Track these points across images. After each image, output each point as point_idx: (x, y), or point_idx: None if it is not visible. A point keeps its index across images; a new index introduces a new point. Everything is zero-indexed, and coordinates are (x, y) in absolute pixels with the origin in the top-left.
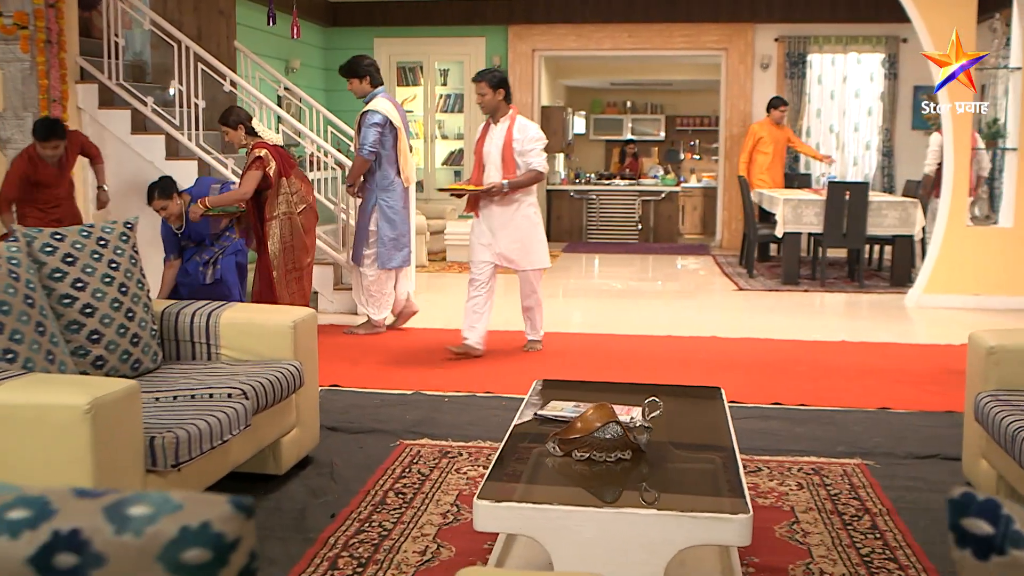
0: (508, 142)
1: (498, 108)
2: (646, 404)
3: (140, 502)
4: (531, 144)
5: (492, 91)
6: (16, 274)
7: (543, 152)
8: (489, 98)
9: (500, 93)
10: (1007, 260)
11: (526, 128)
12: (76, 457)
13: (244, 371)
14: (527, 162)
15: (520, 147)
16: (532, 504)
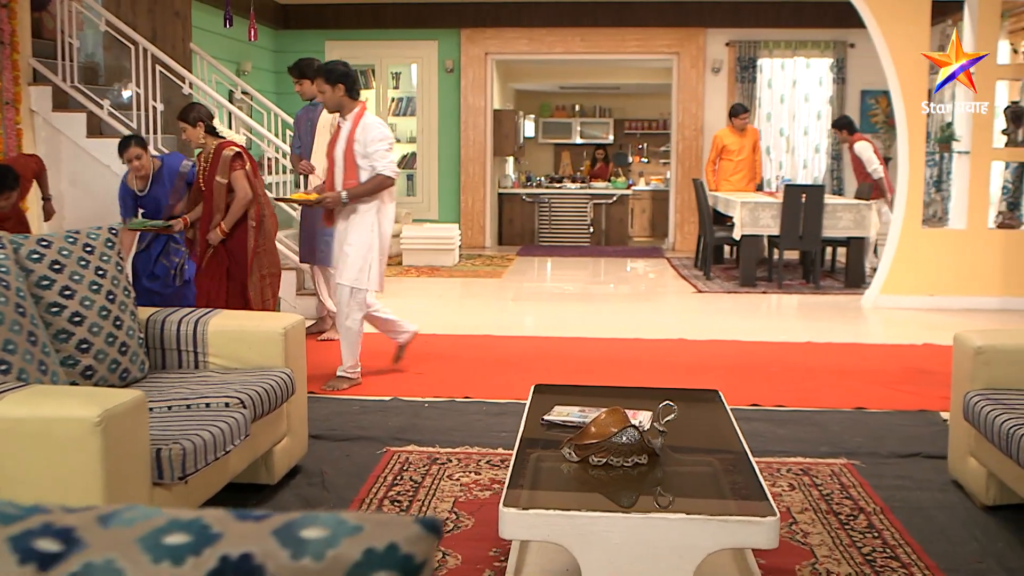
0: (350, 143)
1: (342, 104)
2: (660, 408)
3: (312, 524)
4: (374, 145)
5: (330, 87)
6: (6, 282)
7: (389, 153)
8: (328, 95)
9: (340, 88)
10: (960, 261)
11: (369, 127)
12: (85, 471)
13: (237, 379)
14: (372, 166)
15: (362, 149)
16: (559, 511)
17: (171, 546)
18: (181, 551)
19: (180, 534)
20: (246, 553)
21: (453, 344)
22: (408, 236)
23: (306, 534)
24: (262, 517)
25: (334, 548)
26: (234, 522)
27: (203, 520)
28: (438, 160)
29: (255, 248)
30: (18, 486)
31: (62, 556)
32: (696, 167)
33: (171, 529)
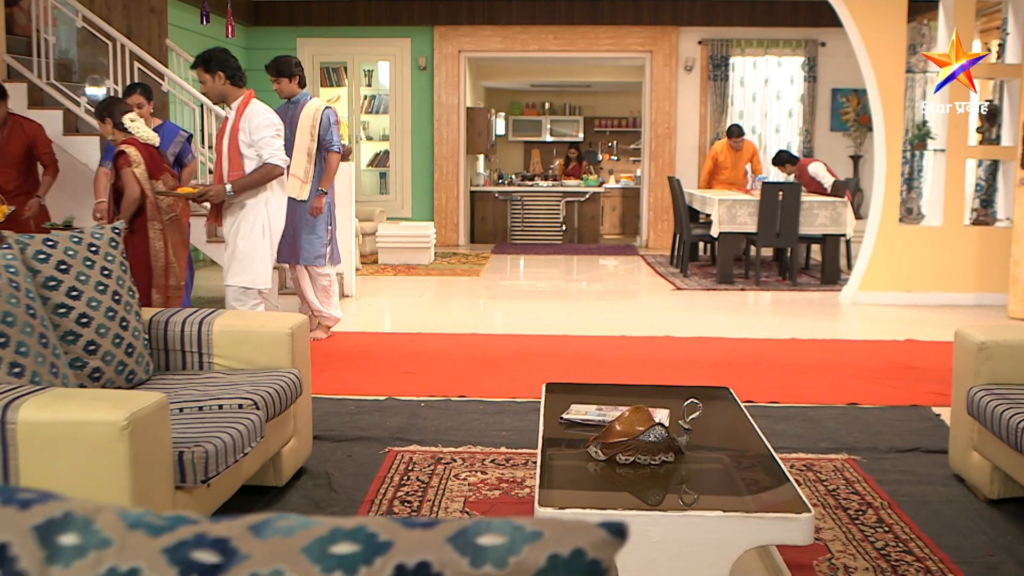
0: (234, 133)
1: (225, 94)
2: (685, 406)
3: (487, 531)
4: (260, 133)
5: (210, 76)
6: (16, 283)
7: (276, 140)
8: (209, 84)
9: (220, 77)
10: (936, 257)
11: (253, 115)
12: (112, 475)
13: (245, 380)
14: (258, 155)
15: (247, 138)
16: (596, 510)
17: (340, 556)
18: (352, 561)
19: (347, 543)
20: (423, 561)
21: (440, 343)
22: (384, 234)
23: (483, 541)
24: (431, 524)
25: (516, 555)
26: (402, 530)
27: (368, 528)
28: (411, 158)
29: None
30: None
31: (222, 567)
32: (669, 165)
33: (336, 538)
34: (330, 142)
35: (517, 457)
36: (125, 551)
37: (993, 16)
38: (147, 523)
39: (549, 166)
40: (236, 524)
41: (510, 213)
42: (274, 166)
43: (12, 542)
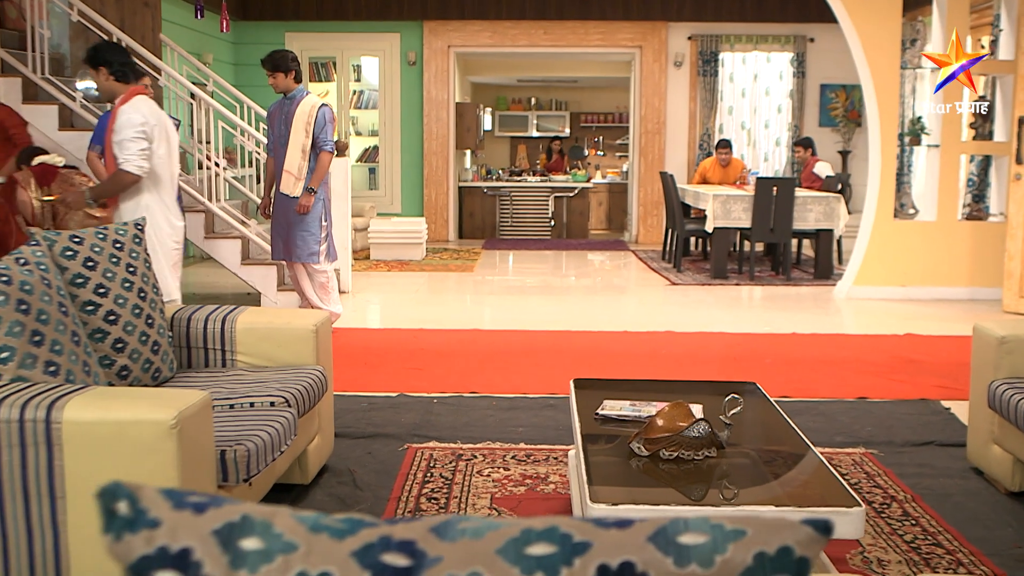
0: (109, 133)
1: (112, 90)
2: (726, 401)
3: (686, 530)
4: (119, 134)
5: (94, 71)
6: (47, 280)
7: (135, 143)
8: (101, 82)
9: (103, 72)
10: (930, 252)
11: (119, 114)
12: (161, 475)
13: (272, 378)
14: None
15: (115, 137)
16: (650, 505)
17: (539, 557)
18: (552, 562)
19: (542, 544)
20: (627, 562)
21: (444, 339)
22: (375, 230)
23: (685, 540)
24: (626, 524)
25: (722, 554)
26: (598, 530)
27: (561, 529)
28: (400, 154)
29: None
30: (90, 492)
31: (414, 570)
32: (659, 160)
33: (529, 539)
34: (324, 141)
35: (537, 453)
36: (312, 555)
37: (984, 12)
38: (328, 526)
39: (535, 161)
40: (416, 526)
41: (499, 209)
42: (126, 173)
43: (194, 547)
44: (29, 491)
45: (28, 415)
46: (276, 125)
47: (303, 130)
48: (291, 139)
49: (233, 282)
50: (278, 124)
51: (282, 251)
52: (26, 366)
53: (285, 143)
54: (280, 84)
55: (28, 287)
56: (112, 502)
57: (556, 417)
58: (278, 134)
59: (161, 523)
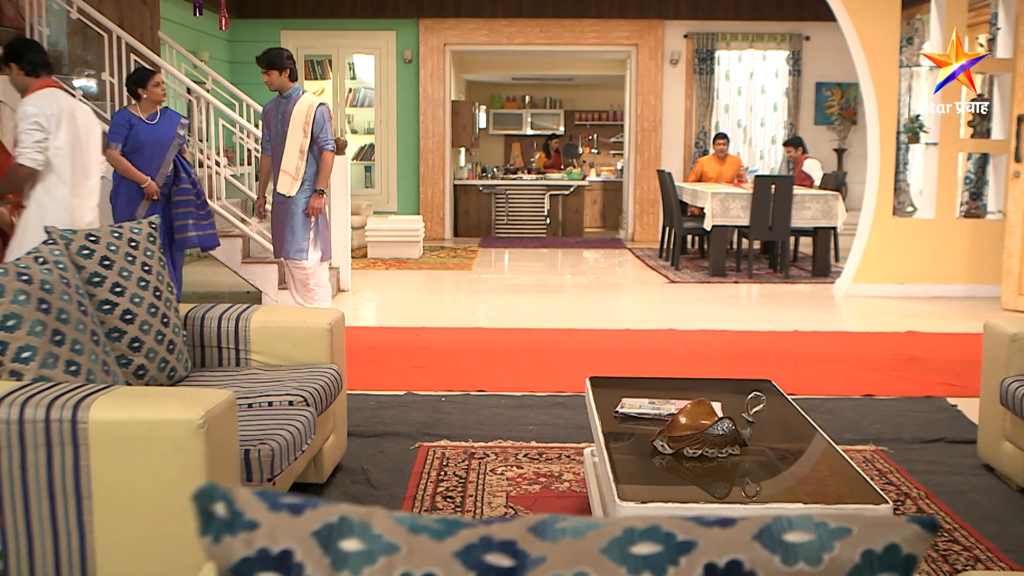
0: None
1: (23, 85)
2: (748, 399)
3: (790, 528)
4: (20, 125)
5: (9, 68)
6: (66, 279)
7: (32, 135)
8: (13, 77)
9: (13, 68)
10: (929, 250)
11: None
12: (187, 475)
13: (288, 377)
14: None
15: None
16: (679, 503)
17: (645, 556)
18: (658, 561)
19: (646, 543)
20: (734, 560)
21: (447, 337)
22: (373, 228)
23: (791, 538)
24: (729, 522)
25: (829, 552)
26: (701, 528)
27: (663, 527)
28: (396, 152)
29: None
30: (117, 492)
31: (518, 570)
32: (655, 158)
33: (633, 538)
34: (325, 140)
35: (549, 451)
36: (415, 556)
37: (981, 10)
38: (426, 527)
39: (530, 159)
40: (513, 526)
41: (494, 206)
42: (20, 166)
43: (295, 549)
44: (55, 491)
45: (54, 415)
46: (272, 124)
47: (301, 130)
48: (288, 138)
49: (230, 280)
50: (274, 123)
51: (277, 248)
52: (48, 366)
53: (282, 142)
54: (274, 82)
55: (48, 286)
56: (209, 504)
57: (565, 415)
58: (275, 133)
59: (260, 525)
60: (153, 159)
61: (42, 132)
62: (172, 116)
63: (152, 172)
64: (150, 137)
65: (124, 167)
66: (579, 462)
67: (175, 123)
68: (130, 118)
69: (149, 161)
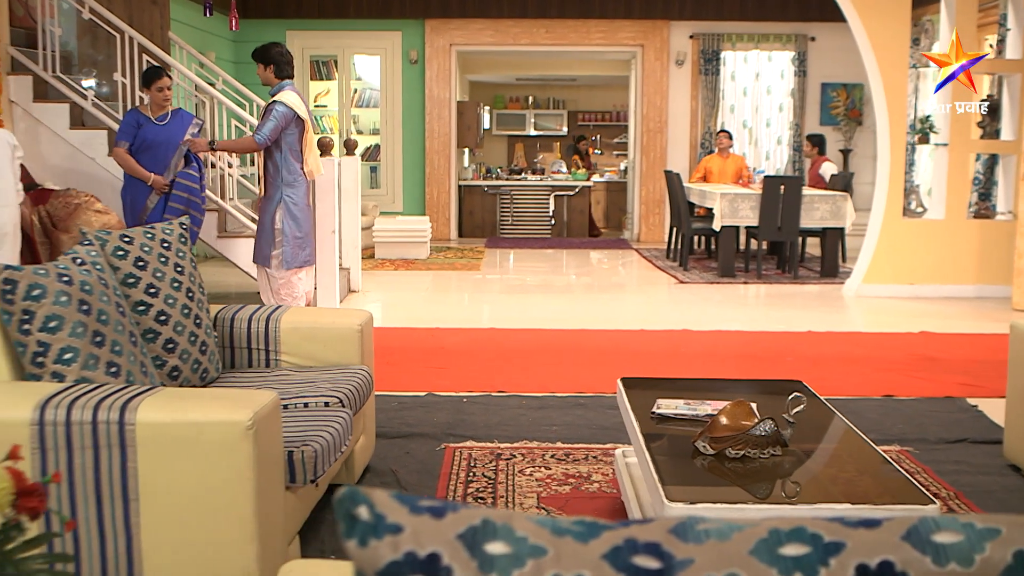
0: None
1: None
2: (789, 400)
3: (937, 529)
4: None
5: None
6: (104, 280)
7: None
8: None
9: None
10: (939, 250)
11: None
12: (236, 476)
13: (321, 378)
14: None
15: None
16: (727, 504)
17: (795, 558)
18: (808, 562)
19: (793, 545)
20: (885, 561)
21: (462, 338)
22: (380, 229)
23: (940, 539)
24: (875, 523)
25: (981, 552)
26: (846, 529)
27: (808, 529)
28: (402, 152)
29: None
30: (164, 494)
31: (666, 572)
32: (660, 158)
33: (779, 540)
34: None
35: (576, 452)
36: (563, 559)
37: (990, 11)
38: (569, 529)
39: (534, 159)
40: (653, 528)
41: (499, 207)
42: None
43: (442, 552)
44: (102, 493)
45: (101, 417)
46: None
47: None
48: None
49: (237, 280)
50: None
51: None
52: (89, 367)
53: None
54: (262, 77)
55: (88, 287)
56: (352, 507)
57: (587, 416)
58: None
59: (404, 528)
60: (162, 159)
61: None
62: (184, 117)
63: (160, 171)
64: (158, 137)
65: (130, 165)
66: (607, 463)
67: (187, 124)
68: (138, 118)
69: (159, 160)
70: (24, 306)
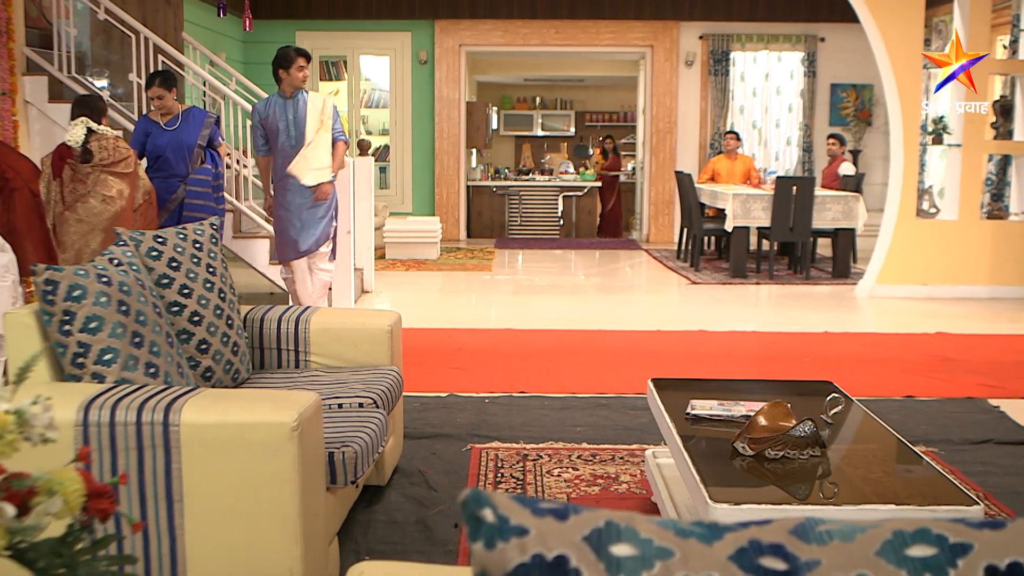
0: None
1: None
2: (827, 401)
3: None
4: None
5: None
6: (141, 281)
7: None
8: None
9: None
10: (952, 251)
11: None
12: (281, 477)
13: (352, 379)
14: None
15: None
16: (772, 505)
17: (923, 559)
18: (937, 563)
19: (919, 546)
20: (1015, 563)
21: (479, 339)
22: (391, 229)
23: None
24: (999, 524)
25: None
26: (971, 530)
27: (932, 530)
28: (411, 153)
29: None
30: (208, 495)
31: (793, 573)
32: (670, 159)
33: (904, 541)
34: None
35: (602, 453)
36: (690, 561)
37: (1002, 12)
38: (691, 531)
39: (541, 159)
40: (772, 529)
41: (507, 208)
42: None
43: (569, 555)
44: (146, 494)
45: (145, 418)
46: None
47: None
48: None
49: (248, 281)
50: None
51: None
52: (129, 368)
53: (301, 139)
54: (306, 75)
55: (126, 288)
56: (477, 510)
57: (611, 416)
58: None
59: (529, 531)
60: (177, 162)
61: None
62: (197, 115)
63: (183, 172)
64: (169, 142)
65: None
66: (634, 463)
67: (200, 122)
68: (147, 127)
69: (174, 164)
70: (65, 307)
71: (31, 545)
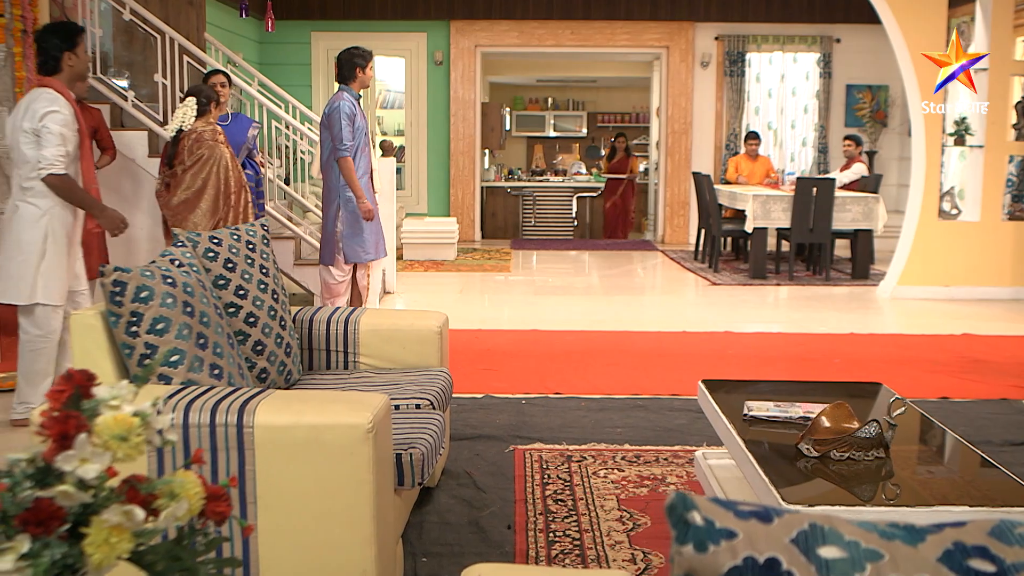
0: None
1: None
2: (891, 402)
3: None
4: None
5: None
6: (202, 282)
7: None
8: None
9: None
10: (974, 252)
11: None
12: (356, 479)
13: (403, 380)
14: None
15: None
16: (845, 507)
17: None
18: None
19: None
20: None
21: (506, 340)
22: (408, 230)
23: None
24: None
25: None
26: None
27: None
28: (427, 154)
29: None
30: (282, 497)
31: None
32: (685, 160)
33: None
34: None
35: (646, 454)
36: (900, 563)
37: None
38: (894, 533)
39: (553, 160)
40: (970, 530)
41: (521, 209)
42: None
43: (780, 557)
44: None
45: (219, 419)
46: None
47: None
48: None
49: None
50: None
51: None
52: (194, 369)
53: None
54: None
55: (190, 289)
56: (684, 513)
57: (650, 418)
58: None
59: (737, 533)
60: None
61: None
62: (243, 121)
63: None
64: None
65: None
66: (678, 464)
67: (246, 128)
68: None
69: None
70: (132, 308)
71: (149, 548)
